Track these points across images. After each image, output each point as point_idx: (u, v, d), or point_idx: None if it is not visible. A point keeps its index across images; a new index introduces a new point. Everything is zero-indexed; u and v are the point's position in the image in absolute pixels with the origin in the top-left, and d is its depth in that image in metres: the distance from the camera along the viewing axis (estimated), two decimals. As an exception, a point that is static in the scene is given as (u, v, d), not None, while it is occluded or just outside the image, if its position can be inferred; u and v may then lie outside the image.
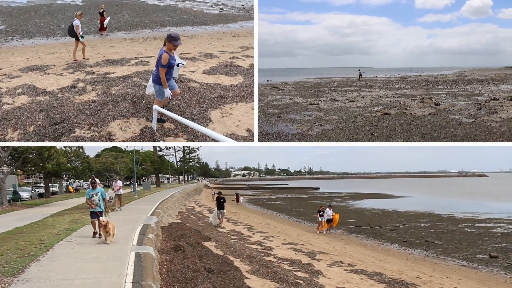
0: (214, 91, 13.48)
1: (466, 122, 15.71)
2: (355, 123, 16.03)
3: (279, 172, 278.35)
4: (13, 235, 11.54)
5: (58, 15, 26.73)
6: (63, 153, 34.12)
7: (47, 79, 14.50)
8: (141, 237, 10.96)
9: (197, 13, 30.63)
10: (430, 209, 37.18)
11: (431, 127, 15.01)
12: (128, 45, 20.75)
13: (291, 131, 14.99)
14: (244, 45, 20.65)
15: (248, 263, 10.59)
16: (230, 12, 32.29)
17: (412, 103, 20.35)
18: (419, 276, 11.98)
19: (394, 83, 32.43)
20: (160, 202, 24.31)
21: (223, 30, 25.56)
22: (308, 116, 17.79)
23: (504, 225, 25.82)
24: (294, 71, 56.01)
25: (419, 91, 26.42)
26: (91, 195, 11.33)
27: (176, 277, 7.97)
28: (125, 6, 30.93)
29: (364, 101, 21.58)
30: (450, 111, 17.88)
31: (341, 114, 17.96)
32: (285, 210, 39.36)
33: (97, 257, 8.59)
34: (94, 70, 15.49)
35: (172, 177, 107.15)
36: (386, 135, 14.33)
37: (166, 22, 26.76)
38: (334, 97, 23.53)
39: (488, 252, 17.18)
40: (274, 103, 21.54)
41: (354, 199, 54.48)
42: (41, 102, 12.22)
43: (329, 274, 10.70)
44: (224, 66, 16.71)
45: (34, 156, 27.11)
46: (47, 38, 21.89)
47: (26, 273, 7.25)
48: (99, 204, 11.28)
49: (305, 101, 21.89)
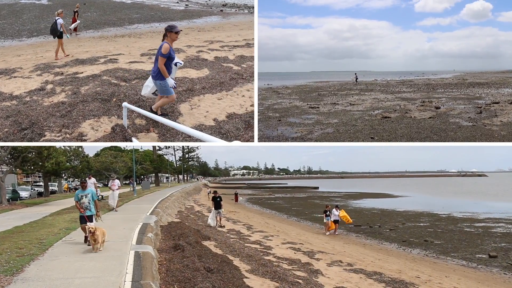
0: (183, 85, 13.74)
1: (466, 126, 15.71)
2: (355, 126, 16.05)
3: (279, 172, 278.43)
4: (13, 234, 11.53)
5: (23, 15, 26.20)
6: (62, 152, 34.08)
7: (13, 82, 14.10)
8: (141, 236, 10.96)
9: (164, 10, 31.11)
10: (429, 209, 37.20)
11: (431, 131, 15.03)
12: (96, 43, 20.62)
13: (291, 135, 15.05)
14: (209, 39, 20.95)
15: (247, 262, 10.59)
16: (195, 8, 32.94)
17: (412, 107, 20.35)
18: (418, 276, 11.99)
19: (394, 87, 32.46)
20: (160, 201, 24.30)
21: (189, 25, 25.90)
22: (308, 119, 17.81)
23: (503, 224, 25.85)
24: (295, 75, 55.98)
25: (419, 94, 26.44)
26: (80, 197, 10.17)
27: (176, 276, 7.97)
28: (92, 4, 30.99)
29: (364, 105, 21.59)
30: (450, 115, 17.88)
31: (341, 117, 17.96)
32: (284, 209, 39.36)
33: (97, 256, 8.59)
34: (63, 71, 15.23)
35: (171, 176, 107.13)
36: (386, 138, 14.35)
37: (134, 19, 26.83)
38: (334, 101, 23.54)
39: (487, 252, 17.19)
40: (275, 106, 21.56)
41: (353, 199, 54.50)
42: (8, 108, 11.79)
43: (328, 274, 10.71)
44: (191, 60, 17.03)
45: (34, 155, 27.06)
46: (12, 39, 21.17)
47: (25, 272, 7.24)
48: (89, 207, 10.14)
49: (305, 105, 21.91)
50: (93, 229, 9.16)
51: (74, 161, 45.96)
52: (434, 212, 34.51)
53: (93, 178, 19.65)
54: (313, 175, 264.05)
